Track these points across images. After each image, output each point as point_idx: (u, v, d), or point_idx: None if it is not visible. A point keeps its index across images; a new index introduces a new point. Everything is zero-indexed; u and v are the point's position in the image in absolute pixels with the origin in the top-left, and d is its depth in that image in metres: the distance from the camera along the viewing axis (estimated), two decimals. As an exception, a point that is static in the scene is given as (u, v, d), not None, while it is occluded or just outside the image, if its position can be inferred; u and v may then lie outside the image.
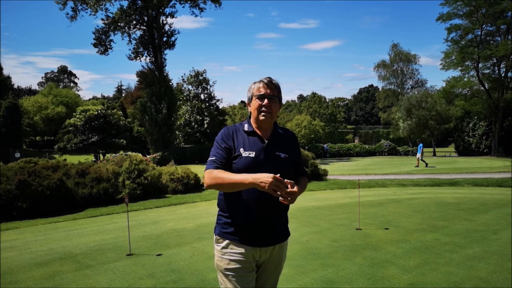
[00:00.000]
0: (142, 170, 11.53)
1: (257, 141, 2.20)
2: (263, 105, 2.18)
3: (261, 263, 2.25)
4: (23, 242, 6.50)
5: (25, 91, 67.94)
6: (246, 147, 2.16)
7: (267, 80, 2.22)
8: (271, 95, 2.19)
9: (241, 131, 2.24)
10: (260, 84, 2.22)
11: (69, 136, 35.95)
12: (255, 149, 2.16)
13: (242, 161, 2.13)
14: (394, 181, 14.34)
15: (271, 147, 2.19)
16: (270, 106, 2.18)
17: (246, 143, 2.18)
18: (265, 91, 2.19)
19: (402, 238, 5.79)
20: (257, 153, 2.15)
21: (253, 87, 2.24)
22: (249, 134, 2.22)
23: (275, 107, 2.22)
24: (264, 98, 2.18)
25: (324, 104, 51.34)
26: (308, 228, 6.61)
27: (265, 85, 2.20)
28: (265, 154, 2.16)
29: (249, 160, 2.13)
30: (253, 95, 2.23)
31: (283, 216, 2.29)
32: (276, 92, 2.23)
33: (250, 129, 2.23)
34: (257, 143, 2.19)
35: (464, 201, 9.18)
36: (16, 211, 9.14)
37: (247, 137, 2.21)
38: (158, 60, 30.84)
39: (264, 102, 2.17)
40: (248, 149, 2.15)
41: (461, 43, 34.75)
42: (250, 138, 2.21)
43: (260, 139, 2.20)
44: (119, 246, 5.75)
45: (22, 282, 4.37)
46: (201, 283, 4.12)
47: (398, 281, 4.04)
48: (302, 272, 4.37)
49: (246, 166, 2.11)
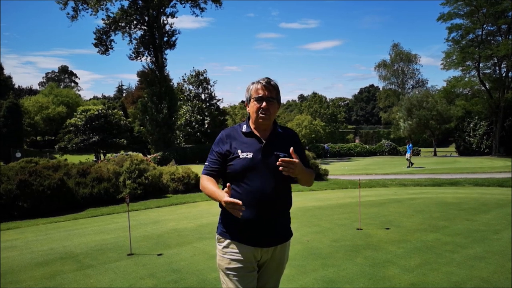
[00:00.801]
0: (143, 170, 11.53)
1: (255, 142, 2.19)
2: (261, 108, 2.16)
3: (263, 263, 2.24)
4: (24, 242, 6.50)
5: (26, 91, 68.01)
6: (244, 148, 2.16)
7: (265, 81, 2.20)
8: (269, 97, 2.18)
9: (239, 133, 2.24)
10: (258, 86, 2.19)
11: (70, 136, 35.98)
12: (253, 150, 2.15)
13: (239, 163, 2.13)
14: (395, 181, 14.33)
15: (270, 147, 2.18)
16: (268, 109, 2.17)
17: (244, 145, 2.18)
18: (263, 93, 2.17)
19: (403, 238, 5.79)
20: (255, 154, 2.14)
21: (251, 88, 2.22)
22: (247, 135, 2.22)
23: (274, 109, 2.20)
24: (262, 100, 2.16)
25: (325, 104, 51.30)
26: (309, 228, 6.61)
27: (263, 86, 2.18)
28: (263, 154, 2.15)
29: (247, 161, 2.12)
30: (251, 97, 2.21)
31: (285, 216, 2.28)
32: (274, 93, 2.21)
33: (248, 130, 2.23)
34: (255, 143, 2.18)
35: (465, 201, 9.17)
36: (17, 211, 9.15)
37: (245, 138, 2.21)
38: (159, 60, 30.86)
39: (262, 105, 2.16)
40: (246, 150, 2.15)
41: (462, 43, 34.75)
42: (248, 139, 2.20)
43: (258, 139, 2.19)
44: (120, 246, 5.75)
45: (23, 282, 4.37)
46: (202, 283, 4.12)
47: (399, 281, 4.03)
48: (303, 272, 4.37)
49: (243, 167, 2.12)
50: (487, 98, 34.32)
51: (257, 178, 2.11)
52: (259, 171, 2.12)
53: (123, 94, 78.29)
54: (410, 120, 36.66)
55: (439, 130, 37.23)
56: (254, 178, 2.11)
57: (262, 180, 2.11)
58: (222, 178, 2.26)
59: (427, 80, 58.64)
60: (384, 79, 53.99)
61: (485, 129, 35.48)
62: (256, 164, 2.12)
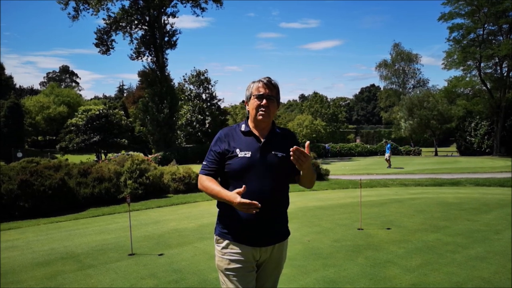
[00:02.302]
0: (143, 170, 11.53)
1: (253, 141, 2.19)
2: (261, 105, 2.17)
3: (261, 262, 2.25)
4: (25, 242, 6.50)
5: (27, 91, 68.07)
6: (243, 148, 2.16)
7: (266, 80, 2.21)
8: (269, 95, 2.18)
9: (238, 132, 2.25)
10: (259, 84, 2.20)
11: (71, 136, 36.01)
12: (251, 149, 2.16)
13: (237, 162, 2.14)
14: (396, 181, 14.32)
15: (268, 147, 2.18)
16: (268, 107, 2.17)
17: (242, 144, 2.18)
18: (264, 91, 2.18)
19: (404, 238, 5.78)
20: (253, 153, 2.15)
21: (252, 86, 2.23)
22: (245, 134, 2.23)
23: (273, 107, 2.21)
24: (262, 98, 2.17)
25: (326, 103, 51.23)
26: (310, 228, 6.60)
27: (264, 85, 2.19)
28: (261, 153, 2.15)
29: (245, 160, 2.13)
30: (251, 95, 2.22)
31: (283, 215, 2.28)
32: (274, 92, 2.21)
33: (246, 129, 2.24)
34: (253, 143, 2.19)
35: (466, 201, 9.15)
36: (18, 211, 9.15)
37: (243, 138, 2.21)
38: (160, 60, 30.90)
39: (262, 102, 2.17)
40: (244, 149, 2.16)
41: (463, 42, 34.72)
42: (247, 138, 2.21)
43: (257, 138, 2.20)
44: (121, 246, 5.75)
45: (24, 282, 4.38)
46: (203, 283, 4.12)
47: (400, 282, 4.03)
48: (304, 272, 4.37)
49: (241, 166, 2.12)
50: (488, 98, 34.28)
51: (256, 177, 2.11)
52: (258, 170, 2.12)
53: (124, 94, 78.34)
54: (411, 120, 36.64)
55: (440, 130, 37.22)
56: (252, 178, 2.11)
57: (261, 179, 2.11)
58: (220, 178, 2.26)
59: (428, 79, 58.58)
60: (385, 79, 53.81)
61: (486, 129, 35.45)
62: (254, 163, 2.12)
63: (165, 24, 31.16)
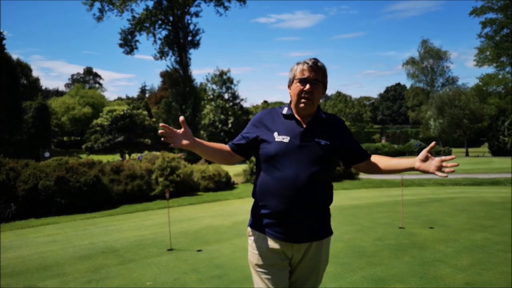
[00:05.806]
0: (174, 168, 11.62)
1: (295, 125, 1.99)
2: (304, 90, 1.95)
3: (295, 263, 2.02)
4: (64, 237, 6.64)
5: (53, 92, 70.02)
6: (281, 131, 1.97)
7: (312, 62, 1.97)
8: (314, 79, 1.95)
9: (279, 114, 2.06)
10: (303, 66, 1.97)
11: (97, 136, 36.78)
12: (291, 134, 1.95)
13: (274, 146, 1.94)
14: (431, 181, 13.90)
15: (309, 133, 1.96)
16: (311, 92, 1.95)
17: (281, 127, 1.99)
18: (309, 75, 1.95)
19: (449, 237, 5.54)
20: (292, 138, 1.94)
21: (296, 68, 2.00)
22: (286, 117, 2.03)
23: (318, 93, 1.98)
24: (306, 82, 1.95)
25: (350, 103, 50.55)
26: (348, 226, 6.43)
27: (309, 67, 1.96)
28: (302, 140, 1.94)
29: (282, 145, 1.93)
30: (294, 77, 2.00)
31: (322, 210, 2.01)
32: (320, 76, 1.98)
33: (288, 112, 2.03)
34: (294, 127, 1.98)
35: (509, 201, 8.74)
36: (54, 207, 9.38)
37: (284, 121, 2.02)
38: (183, 59, 31.22)
39: (306, 88, 1.94)
40: (282, 133, 1.96)
41: (496, 38, 33.46)
42: (287, 122, 2.01)
43: (298, 123, 1.99)
44: (159, 242, 5.76)
45: (69, 275, 4.43)
46: (246, 279, 4.04)
47: (453, 280, 3.84)
48: (349, 270, 4.22)
49: (278, 151, 1.93)
50: (522, 95, 32.98)
51: (292, 165, 1.90)
52: (295, 158, 1.91)
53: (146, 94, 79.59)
54: (441, 119, 35.58)
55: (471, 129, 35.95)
56: (288, 165, 1.90)
57: (297, 167, 1.89)
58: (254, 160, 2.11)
59: (457, 77, 56.74)
60: (412, 77, 52.53)
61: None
62: (292, 149, 1.92)
63: (188, 23, 31.48)
